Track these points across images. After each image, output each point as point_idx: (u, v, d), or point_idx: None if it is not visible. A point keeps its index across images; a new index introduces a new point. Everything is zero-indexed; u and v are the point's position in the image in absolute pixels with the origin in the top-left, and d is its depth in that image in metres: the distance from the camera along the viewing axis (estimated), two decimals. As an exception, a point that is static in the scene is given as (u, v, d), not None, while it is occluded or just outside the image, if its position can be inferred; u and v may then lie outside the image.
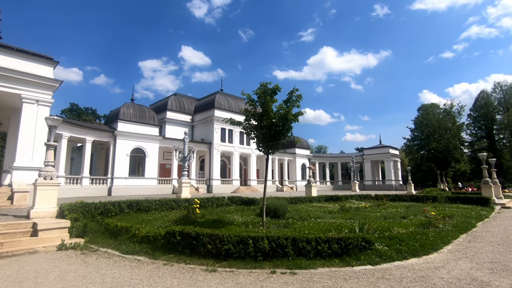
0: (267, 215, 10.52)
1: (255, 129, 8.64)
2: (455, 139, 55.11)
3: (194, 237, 6.13)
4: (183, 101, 42.48)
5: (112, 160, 27.97)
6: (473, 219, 11.45)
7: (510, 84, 63.96)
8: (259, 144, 8.76)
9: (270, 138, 8.58)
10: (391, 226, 9.01)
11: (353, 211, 12.55)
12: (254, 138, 8.84)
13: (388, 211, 12.86)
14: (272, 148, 8.82)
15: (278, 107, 8.35)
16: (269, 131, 8.46)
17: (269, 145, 8.71)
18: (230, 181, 38.17)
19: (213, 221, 9.46)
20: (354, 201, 17.43)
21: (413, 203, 16.84)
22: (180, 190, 22.20)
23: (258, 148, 8.82)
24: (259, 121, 8.45)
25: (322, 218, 10.27)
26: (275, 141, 8.68)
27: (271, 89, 8.38)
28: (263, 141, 8.65)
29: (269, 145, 8.72)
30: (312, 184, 21.81)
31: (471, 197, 17.02)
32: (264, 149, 8.79)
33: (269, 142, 8.65)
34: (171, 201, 11.32)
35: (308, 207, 13.88)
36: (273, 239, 5.84)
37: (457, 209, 14.38)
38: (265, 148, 8.78)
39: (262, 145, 8.73)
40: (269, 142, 8.65)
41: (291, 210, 12.46)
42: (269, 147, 8.76)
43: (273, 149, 8.90)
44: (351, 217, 10.44)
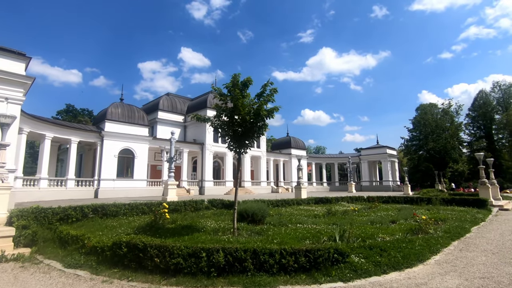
0: (244, 220, 9.74)
1: (226, 126, 7.84)
2: (453, 139, 54.34)
3: (141, 249, 5.32)
4: (176, 101, 41.70)
5: (99, 162, 27.14)
6: (467, 223, 10.66)
7: (509, 83, 63.27)
8: (230, 142, 7.96)
9: (242, 136, 7.79)
10: (376, 232, 8.21)
11: (340, 215, 11.75)
12: (226, 136, 8.03)
13: (378, 214, 12.06)
14: (244, 147, 8.03)
15: (249, 102, 7.57)
16: (240, 128, 7.68)
17: (241, 143, 7.92)
18: (223, 182, 37.35)
19: (182, 227, 8.66)
20: (345, 203, 16.62)
21: (406, 206, 16.06)
22: (166, 192, 21.45)
23: (229, 147, 8.03)
24: (230, 117, 7.66)
25: (303, 223, 9.48)
26: (247, 139, 7.89)
27: (242, 82, 7.59)
28: (234, 139, 7.85)
29: (241, 144, 7.93)
30: (302, 185, 20.98)
31: (467, 199, 16.22)
32: (235, 148, 7.99)
33: (241, 140, 7.85)
34: (142, 205, 10.52)
35: (293, 210, 13.08)
36: (230, 252, 5.03)
37: (452, 211, 13.59)
38: (236, 147, 7.98)
39: (233, 143, 7.94)
40: (241, 140, 7.85)
41: (274, 214, 11.67)
42: (241, 146, 7.97)
43: (246, 148, 8.10)
44: (336, 222, 9.64)
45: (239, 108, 7.34)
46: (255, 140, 8.28)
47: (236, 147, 7.95)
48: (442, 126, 53.99)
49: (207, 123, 8.04)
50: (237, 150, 8.01)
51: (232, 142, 7.90)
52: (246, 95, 7.68)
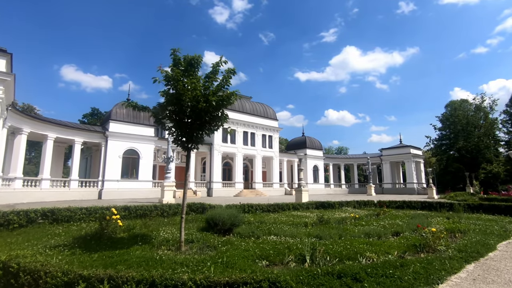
0: (210, 229, 8.29)
1: (172, 115, 6.42)
2: (487, 137, 49.39)
3: (14, 274, 4.03)
4: (185, 101, 41.15)
5: (103, 162, 26.86)
6: (493, 237, 8.48)
7: (553, 75, 56.84)
8: (178, 136, 6.54)
9: (190, 127, 6.35)
10: (365, 249, 6.42)
11: (334, 224, 9.95)
12: (172, 128, 6.61)
13: (381, 224, 10.11)
14: (194, 141, 6.58)
15: (195, 86, 6.10)
16: (187, 117, 6.25)
17: (190, 136, 6.48)
18: (233, 184, 36.09)
19: (131, 237, 7.36)
20: (349, 208, 14.64)
21: (422, 213, 13.80)
22: (162, 194, 20.50)
23: (176, 141, 6.61)
24: (176, 105, 6.24)
25: (280, 235, 7.83)
26: (196, 131, 6.44)
27: (186, 59, 6.14)
28: (180, 130, 6.42)
29: (190, 137, 6.49)
30: (302, 188, 19.12)
31: (498, 205, 13.65)
32: (182, 142, 6.56)
33: (189, 132, 6.42)
34: (103, 209, 9.40)
35: (283, 217, 11.41)
36: (117, 283, 3.59)
37: (477, 221, 11.29)
38: (184, 142, 6.55)
39: (180, 136, 6.51)
40: (189, 132, 6.42)
41: (254, 221, 10.10)
42: (190, 140, 6.53)
43: (196, 142, 6.65)
44: (320, 234, 7.90)
45: (181, 93, 5.90)
46: (207, 133, 6.80)
47: (183, 141, 6.52)
48: (474, 123, 49.27)
49: (143, 111, 6.64)
50: (185, 145, 6.58)
51: (178, 135, 6.48)
52: (195, 77, 6.24)
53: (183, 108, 6.09)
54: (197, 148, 6.93)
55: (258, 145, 39.28)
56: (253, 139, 39.12)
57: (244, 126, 38.13)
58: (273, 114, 42.71)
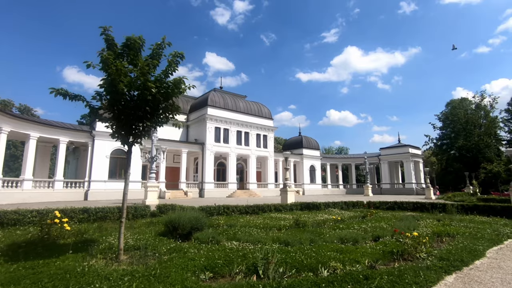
0: (170, 234, 7.52)
1: (109, 105, 5.64)
2: (488, 136, 48.28)
3: None
4: (179, 100, 40.40)
5: (90, 162, 26.18)
6: (483, 242, 7.65)
7: (556, 73, 55.71)
8: (116, 128, 5.76)
9: (128, 119, 5.58)
10: (330, 258, 5.63)
11: (310, 227, 9.14)
12: (110, 120, 5.82)
13: (363, 227, 9.29)
14: (135, 135, 5.81)
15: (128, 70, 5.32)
16: (123, 107, 5.48)
17: (128, 130, 5.71)
18: (226, 184, 35.31)
19: (80, 242, 6.61)
20: (337, 210, 13.82)
21: (413, 214, 12.96)
22: (145, 195, 19.78)
23: (114, 135, 5.83)
24: (110, 93, 5.46)
25: (244, 241, 7.04)
26: (136, 122, 5.67)
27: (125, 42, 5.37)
28: (118, 123, 5.65)
29: (128, 131, 5.72)
30: (288, 189, 18.29)
31: (494, 206, 12.79)
32: (121, 136, 5.79)
33: (127, 125, 5.65)
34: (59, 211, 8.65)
35: (258, 219, 10.61)
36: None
37: (469, 223, 10.47)
38: (122, 135, 5.78)
39: (117, 129, 5.74)
40: (127, 125, 5.65)
41: (224, 224, 9.32)
42: (129, 133, 5.76)
43: (138, 136, 5.88)
44: (289, 239, 7.11)
45: (115, 78, 5.12)
46: (151, 126, 6.03)
47: (122, 135, 5.75)
48: (474, 121, 48.23)
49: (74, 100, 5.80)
50: (124, 139, 5.81)
51: (117, 127, 5.70)
52: (137, 60, 5.47)
53: (118, 96, 5.32)
54: (140, 143, 6.17)
55: (252, 145, 38.49)
56: (247, 139, 38.34)
57: (238, 126, 37.36)
58: (268, 113, 41.93)
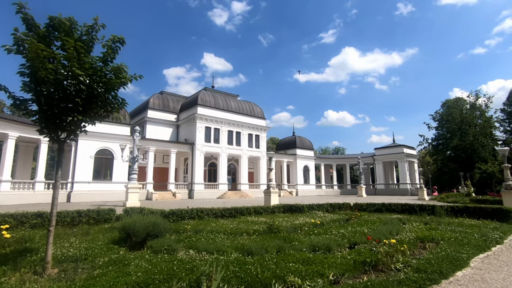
0: (123, 241, 6.80)
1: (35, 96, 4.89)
2: (483, 136, 47.80)
3: None
4: (169, 99, 39.66)
5: (73, 163, 25.38)
6: (468, 249, 6.98)
7: (551, 72, 55.45)
8: (44, 123, 5.01)
9: (54, 112, 4.85)
10: (291, 270, 4.93)
11: (283, 232, 8.44)
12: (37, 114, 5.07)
13: (341, 231, 8.60)
14: (64, 130, 5.09)
15: (48, 54, 4.58)
16: (48, 98, 4.75)
17: (57, 125, 4.99)
18: (216, 185, 34.57)
19: (16, 252, 5.89)
20: (320, 213, 13.13)
21: (400, 216, 12.29)
22: (126, 196, 19.03)
23: (41, 131, 5.09)
24: (34, 83, 4.72)
25: (200, 250, 6.33)
26: (64, 116, 4.94)
27: (48, 23, 4.64)
28: (43, 115, 4.91)
29: (58, 126, 5.00)
30: (272, 190, 17.60)
31: (485, 208, 12.15)
32: (50, 132, 5.06)
33: (55, 119, 4.92)
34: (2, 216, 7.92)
35: (232, 223, 9.90)
36: None
37: (457, 226, 9.82)
38: (51, 130, 5.05)
39: (45, 124, 5.00)
40: (55, 119, 4.92)
41: (191, 229, 8.59)
42: (58, 129, 5.03)
43: (69, 132, 5.16)
44: (254, 247, 6.41)
45: (36, 65, 4.40)
46: (87, 121, 5.32)
47: (50, 129, 5.01)
48: (469, 121, 47.78)
49: None
50: (51, 135, 5.08)
51: (44, 122, 4.96)
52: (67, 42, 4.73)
53: (42, 86, 4.59)
54: (74, 140, 5.45)
55: (244, 145, 37.78)
56: (239, 139, 37.62)
57: (229, 125, 36.64)
58: (261, 113, 41.24)
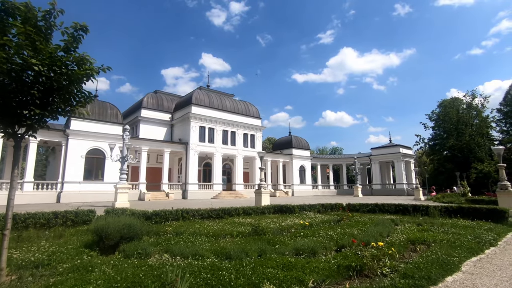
0: (96, 244, 6.40)
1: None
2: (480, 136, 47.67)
3: None
4: (163, 98, 39.22)
5: (63, 163, 24.89)
6: (461, 252, 6.64)
7: (547, 72, 55.44)
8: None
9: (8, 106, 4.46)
10: (267, 277, 4.57)
11: (269, 234, 8.07)
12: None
13: (330, 233, 8.24)
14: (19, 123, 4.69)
15: None
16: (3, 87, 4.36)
17: (13, 117, 4.59)
18: (210, 185, 34.16)
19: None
20: (311, 213, 12.77)
21: (393, 217, 11.96)
22: (115, 197, 18.59)
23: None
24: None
25: (176, 254, 5.96)
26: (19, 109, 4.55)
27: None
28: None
29: (13, 118, 4.60)
30: (262, 190, 17.24)
31: (480, 209, 11.84)
32: (4, 125, 4.66)
33: (11, 111, 4.53)
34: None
35: (217, 225, 9.52)
36: None
37: (450, 228, 9.49)
38: (6, 124, 4.66)
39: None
40: (11, 111, 4.53)
41: (172, 231, 8.21)
42: (14, 122, 4.64)
43: (29, 127, 4.77)
44: (233, 251, 6.04)
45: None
46: (46, 115, 4.93)
47: (5, 123, 4.62)
48: (465, 121, 47.66)
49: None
50: (7, 130, 4.68)
51: None
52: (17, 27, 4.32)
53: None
54: (33, 136, 5.07)
55: (239, 145, 37.40)
56: (234, 139, 37.24)
57: (224, 125, 36.25)
58: (256, 112, 40.87)
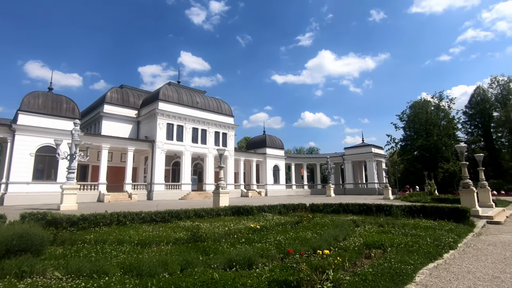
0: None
1: None
2: (447, 137, 49.35)
3: None
4: (129, 93, 37.06)
5: (9, 161, 22.48)
6: (417, 258, 5.89)
7: (508, 78, 58.56)
8: None
9: None
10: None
11: (210, 241, 6.99)
12: None
13: (278, 239, 7.29)
14: None
15: None
16: None
17: None
18: (179, 185, 32.58)
19: None
20: (269, 215, 11.81)
21: (355, 218, 11.31)
22: (61, 199, 16.77)
23: None
24: None
25: (71, 272, 4.74)
26: None
27: None
28: None
29: None
30: (221, 190, 16.16)
31: (442, 208, 11.43)
32: None
33: None
34: None
35: (155, 230, 8.31)
36: None
37: (411, 229, 8.87)
38: None
39: None
40: None
41: (93, 239, 6.92)
42: None
43: None
44: (145, 265, 4.89)
45: None
46: None
47: None
48: (433, 122, 49.18)
49: None
50: None
51: None
52: None
53: None
54: None
55: (210, 143, 36.05)
56: (205, 137, 35.85)
57: (194, 122, 34.77)
58: (229, 110, 39.69)
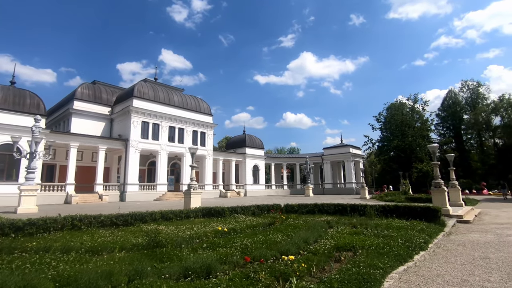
0: None
1: None
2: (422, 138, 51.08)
3: None
4: (101, 90, 35.34)
5: (-37, 160, 20.66)
6: (387, 261, 5.63)
7: (477, 83, 61.57)
8: None
9: None
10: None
11: (171, 246, 6.45)
12: None
13: (245, 243, 6.86)
14: None
15: None
16: None
17: None
18: (154, 186, 31.44)
19: None
20: (242, 216, 11.37)
21: (329, 219, 11.08)
22: (19, 201, 15.50)
23: None
24: None
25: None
26: None
27: None
28: None
29: None
30: (192, 191, 15.60)
31: (414, 208, 11.45)
32: None
33: None
34: None
35: (113, 235, 7.62)
36: None
37: (384, 229, 8.73)
38: None
39: None
40: None
41: (38, 247, 6.18)
42: None
43: None
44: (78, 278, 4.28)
45: None
46: None
47: None
48: (408, 123, 50.74)
49: None
50: None
51: None
52: None
53: None
54: None
55: (187, 143, 35.08)
56: (182, 136, 34.88)
57: (171, 121, 33.72)
58: (207, 109, 38.89)
